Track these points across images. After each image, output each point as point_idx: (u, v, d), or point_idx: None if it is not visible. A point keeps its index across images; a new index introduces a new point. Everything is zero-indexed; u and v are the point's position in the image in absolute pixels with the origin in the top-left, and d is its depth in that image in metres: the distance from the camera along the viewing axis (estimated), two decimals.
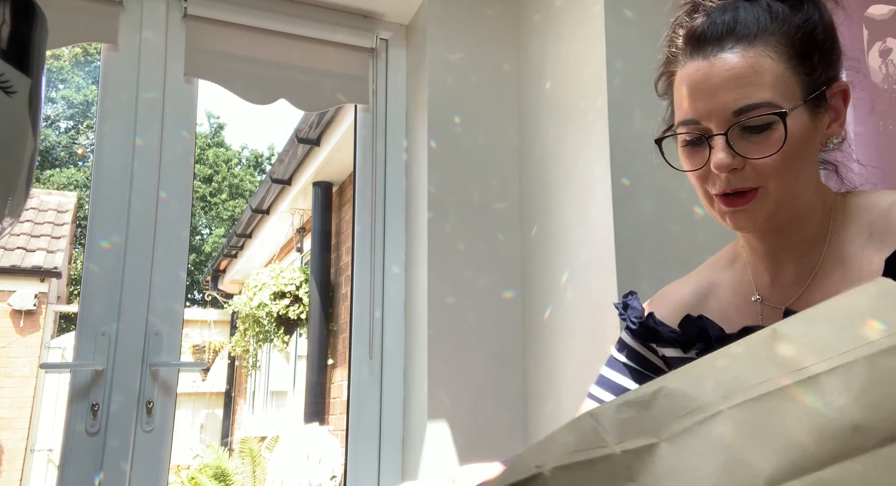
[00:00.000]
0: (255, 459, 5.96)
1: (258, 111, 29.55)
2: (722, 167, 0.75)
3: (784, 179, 0.76)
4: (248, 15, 1.95)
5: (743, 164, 0.75)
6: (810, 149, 0.78)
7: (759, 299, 0.85)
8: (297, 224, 6.65)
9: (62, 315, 8.79)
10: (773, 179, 0.76)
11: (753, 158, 0.75)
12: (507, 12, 2.12)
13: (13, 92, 0.90)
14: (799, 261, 0.83)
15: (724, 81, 0.75)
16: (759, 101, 0.74)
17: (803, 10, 0.78)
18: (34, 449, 7.14)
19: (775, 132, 0.74)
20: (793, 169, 0.76)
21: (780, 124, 0.74)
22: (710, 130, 0.77)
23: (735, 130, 0.75)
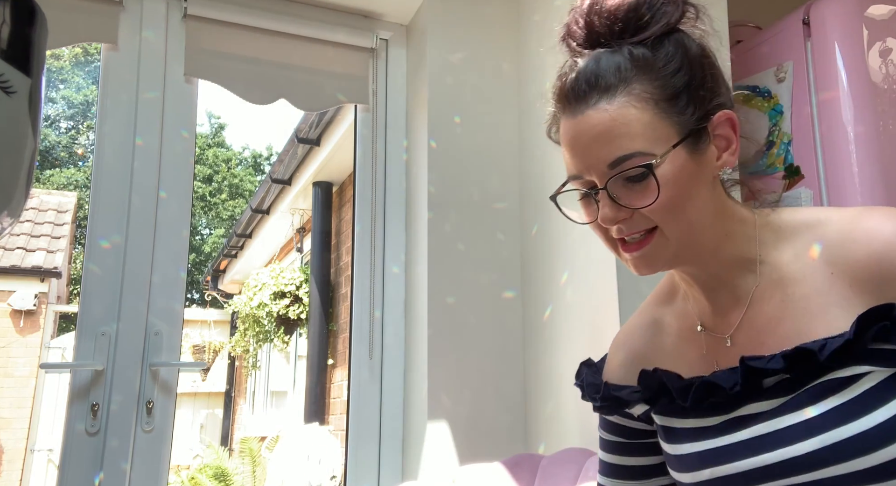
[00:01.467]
0: (255, 459, 5.95)
1: (258, 111, 29.54)
2: (608, 221, 0.76)
3: (676, 221, 0.75)
4: (248, 15, 1.95)
5: (630, 213, 0.75)
6: (698, 185, 0.76)
7: (702, 330, 0.84)
8: (297, 224, 6.65)
9: (62, 315, 8.79)
10: (664, 222, 0.75)
11: (637, 207, 0.74)
12: (507, 12, 2.12)
13: (13, 92, 0.90)
14: (733, 285, 0.81)
15: (593, 137, 0.75)
16: (627, 151, 0.73)
17: (663, 49, 0.77)
18: (34, 449, 7.13)
19: (650, 181, 0.73)
20: (682, 210, 0.75)
21: (657, 170, 0.73)
22: (592, 185, 0.78)
23: (616, 182, 0.75)
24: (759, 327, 0.79)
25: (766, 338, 0.77)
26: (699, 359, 0.84)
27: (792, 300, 0.76)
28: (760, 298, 0.80)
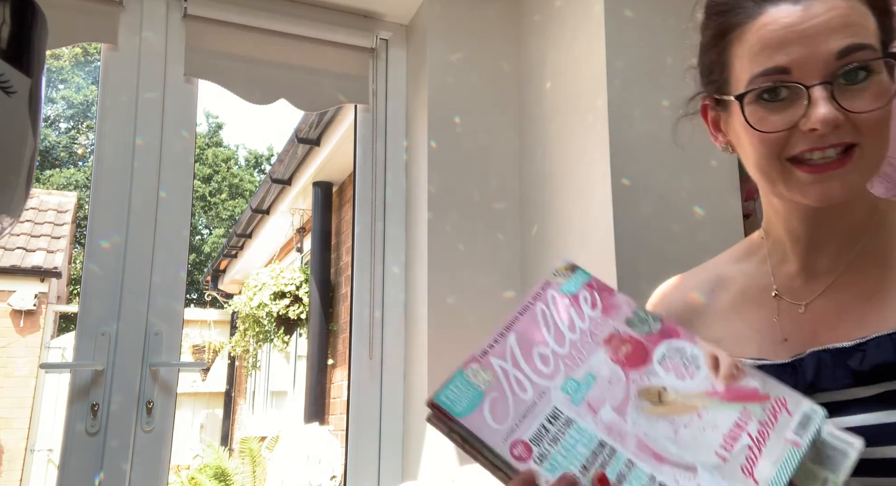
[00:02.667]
0: (255, 459, 5.96)
1: (257, 111, 29.56)
2: (828, 122, 0.65)
3: (882, 140, 0.67)
4: (248, 15, 1.95)
5: (844, 120, 0.66)
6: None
7: (777, 294, 0.78)
8: (297, 224, 6.65)
9: (62, 315, 8.79)
10: (873, 138, 0.67)
11: (859, 111, 0.65)
12: (507, 12, 2.12)
13: (13, 92, 0.90)
14: (836, 250, 0.75)
15: (826, 21, 0.66)
16: (865, 41, 0.66)
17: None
18: (34, 449, 7.14)
19: (874, 82, 0.66)
20: (887, 129, 0.67)
21: (877, 73, 0.66)
22: (803, 80, 0.66)
23: (836, 80, 0.66)
24: (846, 298, 0.73)
25: (849, 312, 0.72)
26: (764, 323, 0.78)
27: (893, 283, 0.71)
28: (858, 268, 0.74)
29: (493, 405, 0.63)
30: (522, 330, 0.67)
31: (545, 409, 0.62)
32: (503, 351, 0.66)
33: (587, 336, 0.66)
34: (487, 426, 0.62)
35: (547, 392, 0.63)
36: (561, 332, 0.66)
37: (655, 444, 0.59)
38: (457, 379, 0.64)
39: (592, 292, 0.69)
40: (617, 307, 0.68)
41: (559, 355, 0.65)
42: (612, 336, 0.66)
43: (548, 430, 0.61)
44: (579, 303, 0.68)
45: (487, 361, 0.65)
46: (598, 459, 0.59)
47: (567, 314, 0.67)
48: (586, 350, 0.65)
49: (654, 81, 1.68)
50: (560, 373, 0.64)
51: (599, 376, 0.63)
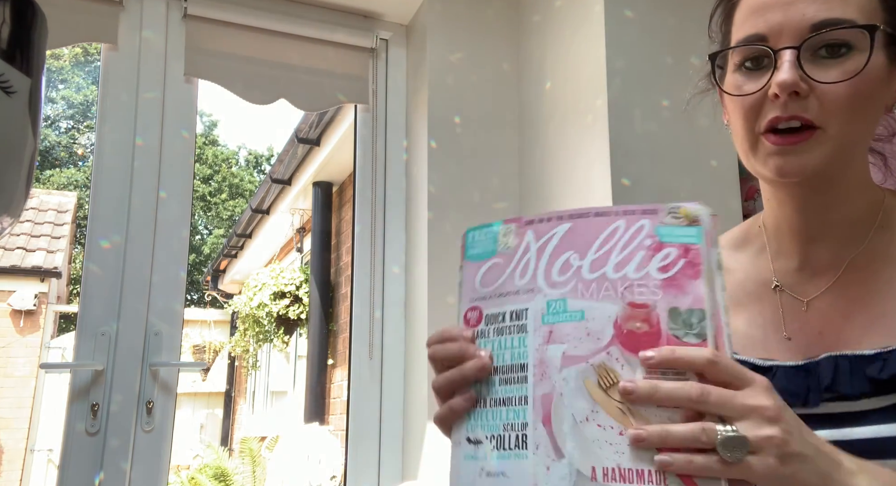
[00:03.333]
0: (255, 459, 5.95)
1: (257, 111, 29.57)
2: (786, 86, 0.64)
3: (849, 121, 0.65)
4: (248, 15, 1.95)
5: (808, 91, 0.65)
6: (878, 98, 0.67)
7: (778, 286, 0.75)
8: (297, 224, 6.65)
9: (62, 315, 8.79)
10: (838, 117, 0.65)
11: (824, 81, 0.64)
12: (507, 12, 2.12)
13: (13, 92, 0.90)
14: (837, 245, 0.72)
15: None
16: (843, 16, 0.64)
17: None
18: (34, 449, 7.14)
19: (852, 59, 0.64)
20: (860, 111, 0.65)
21: (859, 50, 0.64)
22: (775, 46, 0.67)
23: (808, 49, 0.65)
24: (851, 297, 0.71)
25: (855, 313, 0.69)
26: (766, 319, 0.75)
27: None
28: (863, 266, 0.71)
29: (491, 269, 0.62)
30: (578, 230, 0.59)
31: (519, 303, 0.59)
32: (544, 232, 0.60)
33: (621, 286, 0.56)
34: (473, 280, 0.62)
35: (535, 293, 0.58)
36: (606, 260, 0.57)
37: (559, 409, 0.54)
38: (492, 227, 0.63)
39: (678, 260, 0.56)
40: (681, 293, 0.55)
41: (581, 276, 0.57)
42: (642, 307, 0.55)
43: (503, 320, 0.59)
44: (654, 254, 0.56)
45: (524, 231, 0.61)
46: (509, 373, 0.57)
47: (629, 253, 0.57)
48: (605, 294, 0.56)
49: (654, 81, 1.68)
50: (563, 289, 0.58)
51: (587, 321, 0.56)
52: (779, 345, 0.73)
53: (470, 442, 0.58)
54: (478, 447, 0.58)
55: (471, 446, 0.58)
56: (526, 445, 0.55)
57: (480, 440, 0.58)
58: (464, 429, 0.59)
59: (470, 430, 0.59)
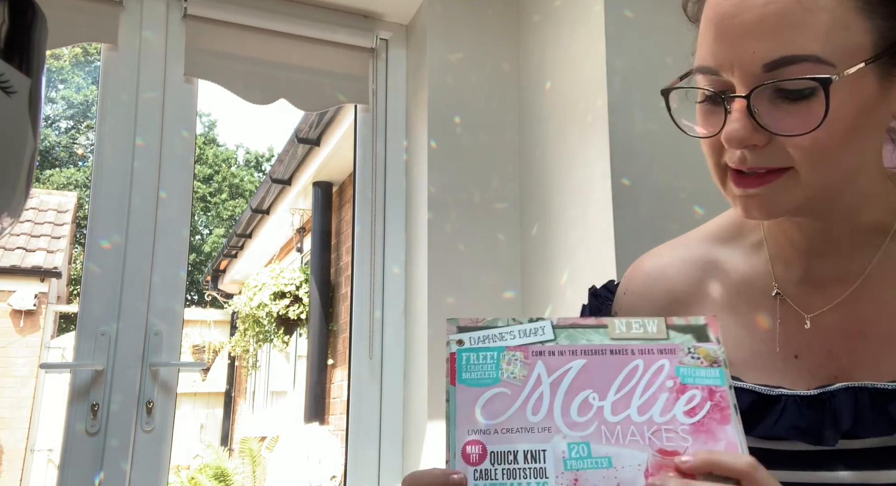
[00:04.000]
0: (255, 459, 5.96)
1: (257, 111, 29.57)
2: (733, 142, 0.56)
3: (824, 165, 0.55)
4: (248, 15, 1.95)
5: (767, 139, 0.55)
6: (872, 125, 0.56)
7: (779, 294, 0.66)
8: (297, 224, 6.65)
9: (62, 315, 8.79)
10: (808, 164, 0.55)
11: (782, 133, 0.54)
12: (507, 12, 2.12)
13: (13, 92, 0.90)
14: (844, 257, 0.63)
15: (758, 18, 0.53)
16: (800, 52, 0.53)
17: None
18: (34, 449, 7.14)
19: (816, 102, 0.53)
20: (839, 152, 0.55)
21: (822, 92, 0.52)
22: (726, 87, 0.57)
23: (764, 92, 0.54)
24: (865, 316, 0.62)
25: (869, 332, 0.61)
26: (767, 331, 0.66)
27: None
28: (879, 280, 0.62)
29: (495, 398, 0.54)
30: (595, 367, 0.55)
31: (534, 443, 0.52)
32: (557, 366, 0.55)
33: (648, 431, 0.52)
34: (472, 408, 0.54)
35: (553, 433, 0.53)
36: (628, 401, 0.53)
37: None
38: (491, 351, 0.56)
39: (704, 403, 0.52)
40: (712, 439, 0.51)
41: (603, 418, 0.53)
42: (672, 454, 0.51)
43: (516, 460, 0.52)
44: (679, 396, 0.53)
45: (533, 362, 0.56)
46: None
47: (653, 394, 0.53)
48: (631, 439, 0.52)
49: (654, 81, 1.67)
50: (584, 431, 0.52)
51: (616, 469, 0.51)
52: (784, 364, 0.64)
53: None
54: None
55: None
56: None
57: None
58: None
59: None
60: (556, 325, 0.58)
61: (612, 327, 0.57)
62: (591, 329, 0.57)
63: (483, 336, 0.57)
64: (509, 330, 0.57)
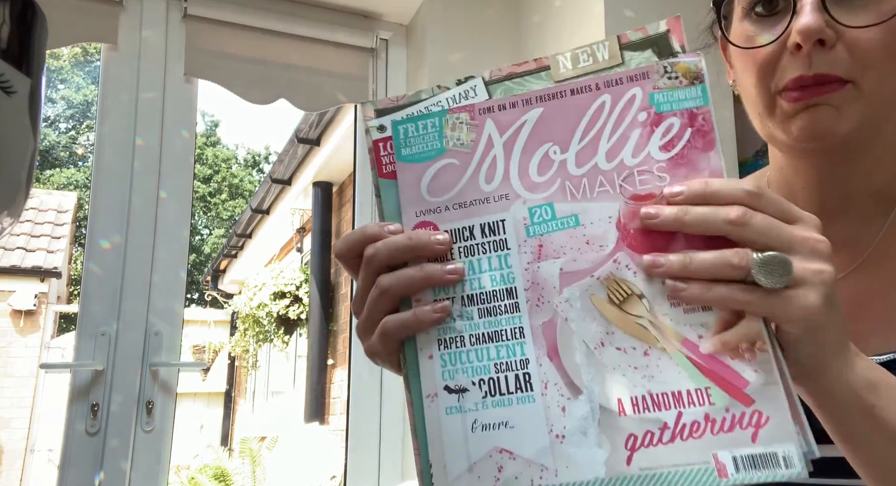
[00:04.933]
0: (255, 459, 5.95)
1: (257, 111, 29.59)
2: (811, 33, 0.53)
3: (887, 73, 0.54)
4: (248, 15, 1.95)
5: (835, 39, 0.54)
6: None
7: None
8: (297, 224, 6.65)
9: (62, 315, 8.79)
10: (873, 69, 0.53)
11: (854, 25, 0.53)
12: (507, 12, 2.12)
13: (13, 92, 0.90)
14: (860, 221, 0.61)
15: None
16: None
17: None
18: (34, 449, 7.14)
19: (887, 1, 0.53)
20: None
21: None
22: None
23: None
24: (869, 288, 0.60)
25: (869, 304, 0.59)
26: None
27: None
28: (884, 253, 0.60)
29: (441, 171, 0.48)
30: (553, 114, 0.47)
31: (491, 214, 0.47)
32: (509, 122, 0.48)
33: (618, 176, 0.46)
34: (417, 187, 0.48)
35: (512, 200, 0.47)
36: (595, 148, 0.46)
37: (566, 338, 0.45)
38: (431, 118, 0.49)
39: (684, 130, 0.45)
40: (693, 170, 0.45)
41: (567, 172, 0.46)
42: (647, 198, 0.45)
43: (473, 236, 0.47)
44: (654, 129, 0.46)
45: (481, 121, 0.48)
46: (491, 302, 0.46)
47: (623, 134, 0.46)
48: (600, 191, 0.46)
49: None
50: (546, 191, 0.46)
51: (584, 227, 0.46)
52: None
53: (451, 392, 0.46)
54: (462, 395, 0.45)
55: (452, 396, 0.46)
56: (530, 386, 0.44)
57: (465, 387, 0.45)
58: (435, 377, 0.46)
59: (447, 377, 0.46)
60: (489, 80, 0.51)
61: (554, 65, 0.49)
62: (531, 75, 0.50)
63: (407, 115, 0.50)
64: (436, 100, 0.50)
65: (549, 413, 0.44)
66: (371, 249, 0.47)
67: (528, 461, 0.43)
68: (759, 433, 0.41)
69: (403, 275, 0.46)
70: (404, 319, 0.46)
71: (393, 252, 0.46)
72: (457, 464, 0.44)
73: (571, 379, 0.44)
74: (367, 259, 0.47)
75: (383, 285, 0.47)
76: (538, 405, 0.44)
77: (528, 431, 0.44)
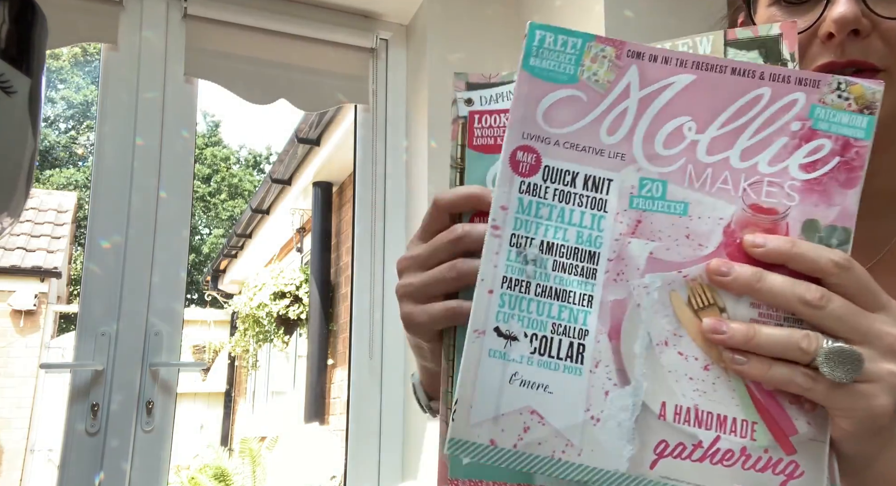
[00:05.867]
0: (255, 459, 5.95)
1: (257, 111, 29.59)
2: (846, 22, 0.51)
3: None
4: (248, 15, 1.95)
5: (870, 29, 0.52)
6: None
7: None
8: (297, 224, 6.65)
9: (62, 315, 8.79)
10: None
11: (891, 16, 0.52)
12: (507, 12, 2.12)
13: (13, 92, 0.90)
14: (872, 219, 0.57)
15: None
16: None
17: None
18: (34, 449, 7.14)
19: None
20: None
21: None
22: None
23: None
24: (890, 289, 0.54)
25: None
26: None
27: None
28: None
29: (565, 101, 0.43)
30: (704, 87, 0.43)
31: (600, 168, 0.43)
32: (654, 78, 0.43)
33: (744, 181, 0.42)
34: (534, 107, 0.43)
35: (627, 162, 0.43)
36: (733, 140, 0.42)
37: (632, 324, 0.42)
38: (575, 37, 0.44)
39: (832, 158, 0.42)
40: (826, 202, 0.42)
41: (694, 155, 0.42)
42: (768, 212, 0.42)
43: (574, 184, 0.43)
44: (801, 144, 0.42)
45: (628, 64, 0.43)
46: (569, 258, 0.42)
47: (767, 136, 0.42)
48: (720, 187, 0.42)
49: None
50: (665, 167, 0.43)
51: (690, 218, 0.42)
52: None
53: (500, 335, 0.42)
54: (510, 344, 0.42)
55: (500, 340, 0.42)
56: (581, 358, 0.42)
57: (516, 335, 0.42)
58: (489, 314, 0.42)
59: (501, 318, 0.42)
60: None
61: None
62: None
63: (497, 94, 0.47)
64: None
65: (591, 392, 0.41)
66: (467, 228, 0.48)
67: (556, 432, 0.41)
68: (788, 484, 0.40)
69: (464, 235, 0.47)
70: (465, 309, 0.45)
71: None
72: (483, 409, 0.41)
73: (624, 366, 0.42)
74: (457, 236, 0.48)
75: (462, 269, 0.47)
76: (583, 380, 0.41)
77: (565, 402, 0.41)
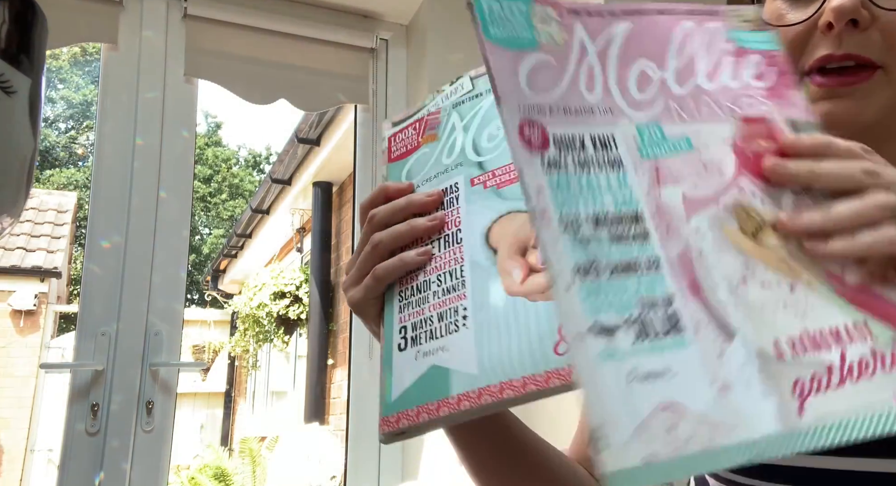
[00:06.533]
0: (255, 459, 5.95)
1: (257, 111, 29.58)
2: (844, 12, 0.52)
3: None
4: (248, 15, 1.95)
5: (870, 22, 0.53)
6: None
7: None
8: (297, 224, 6.65)
9: (62, 315, 8.79)
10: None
11: (891, 7, 0.52)
12: None
13: (13, 92, 0.90)
14: None
15: None
16: None
17: None
18: (34, 449, 7.13)
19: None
20: None
21: None
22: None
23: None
24: None
25: None
26: None
27: None
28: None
29: (538, 68, 0.41)
30: (643, 31, 0.44)
31: (597, 126, 0.40)
32: (598, 30, 0.43)
33: (723, 98, 0.43)
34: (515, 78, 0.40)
35: (617, 116, 0.41)
36: (692, 68, 0.43)
37: (705, 272, 0.38)
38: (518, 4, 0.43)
39: (769, 67, 0.44)
40: (788, 103, 0.43)
41: (668, 91, 0.43)
42: (758, 121, 0.42)
43: (584, 148, 0.39)
44: (742, 60, 0.44)
45: (572, 21, 0.43)
46: (618, 226, 0.38)
47: (716, 58, 0.44)
48: (707, 111, 0.42)
49: None
50: (650, 110, 0.42)
51: (698, 150, 0.41)
52: None
53: (599, 333, 0.34)
54: (611, 338, 0.35)
55: (602, 339, 0.34)
56: (681, 327, 0.36)
57: (615, 325, 0.35)
58: (577, 313, 0.34)
59: (593, 311, 0.35)
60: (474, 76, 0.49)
61: None
62: None
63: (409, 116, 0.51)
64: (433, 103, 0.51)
65: (706, 360, 0.35)
66: (374, 211, 0.53)
67: (697, 418, 0.34)
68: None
69: (394, 229, 0.51)
70: (390, 264, 0.50)
71: (390, 214, 0.52)
72: (623, 425, 0.33)
73: (722, 320, 0.37)
74: (368, 219, 0.53)
75: (375, 239, 0.51)
76: (693, 350, 0.36)
77: (690, 382, 0.35)
